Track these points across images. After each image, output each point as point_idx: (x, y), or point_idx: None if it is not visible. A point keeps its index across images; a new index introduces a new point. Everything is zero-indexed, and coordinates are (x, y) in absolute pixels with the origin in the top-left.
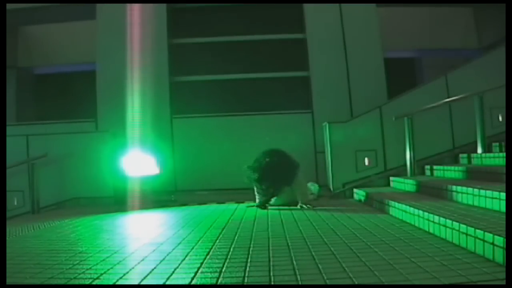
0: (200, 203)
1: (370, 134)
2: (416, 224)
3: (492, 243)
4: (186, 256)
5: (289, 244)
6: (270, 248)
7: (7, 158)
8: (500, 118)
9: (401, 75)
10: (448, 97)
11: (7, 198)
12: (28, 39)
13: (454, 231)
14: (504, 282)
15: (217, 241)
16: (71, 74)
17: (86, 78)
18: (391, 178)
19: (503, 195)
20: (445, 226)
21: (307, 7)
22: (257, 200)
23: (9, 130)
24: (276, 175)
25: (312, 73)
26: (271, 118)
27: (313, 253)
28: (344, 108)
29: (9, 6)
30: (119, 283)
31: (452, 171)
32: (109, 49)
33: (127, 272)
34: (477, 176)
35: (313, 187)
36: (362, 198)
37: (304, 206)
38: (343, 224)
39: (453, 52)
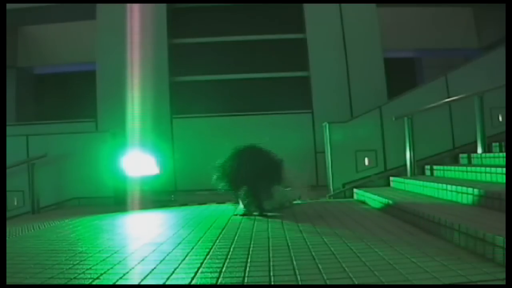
0: (200, 203)
1: (370, 134)
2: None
3: (492, 243)
4: (186, 256)
5: (289, 244)
6: (270, 248)
7: (7, 158)
8: (500, 118)
9: (401, 75)
10: (448, 97)
11: (7, 198)
12: (28, 39)
13: (454, 230)
14: (504, 282)
15: (217, 241)
16: (71, 74)
17: (86, 78)
18: (391, 178)
19: None
20: (445, 225)
21: (307, 7)
22: (241, 206)
23: (9, 130)
24: (251, 176)
25: (312, 73)
26: (271, 118)
27: (313, 253)
28: (344, 108)
29: (9, 6)
30: (119, 283)
31: (452, 171)
32: (109, 49)
33: (127, 272)
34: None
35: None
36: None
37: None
38: (343, 223)
39: (453, 52)
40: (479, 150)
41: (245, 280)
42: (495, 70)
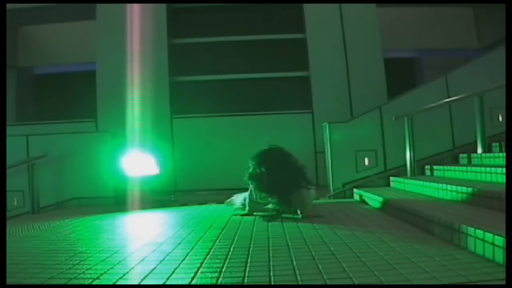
0: (200, 203)
1: (370, 134)
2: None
3: (492, 243)
4: (186, 256)
5: (289, 244)
6: (270, 248)
7: (7, 158)
8: (500, 118)
9: (401, 75)
10: (448, 97)
11: (7, 198)
12: (28, 39)
13: (454, 230)
14: (504, 282)
15: (217, 241)
16: (71, 74)
17: (86, 78)
18: (391, 178)
19: None
20: (444, 225)
21: (307, 7)
22: (243, 204)
23: (9, 130)
24: (282, 181)
25: (312, 73)
26: (271, 118)
27: (313, 253)
28: (344, 108)
29: (9, 6)
30: (119, 283)
31: (452, 171)
32: (109, 49)
33: (127, 272)
34: None
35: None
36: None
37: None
38: (343, 223)
39: (453, 52)
40: (479, 150)
41: (245, 280)
42: (495, 70)
